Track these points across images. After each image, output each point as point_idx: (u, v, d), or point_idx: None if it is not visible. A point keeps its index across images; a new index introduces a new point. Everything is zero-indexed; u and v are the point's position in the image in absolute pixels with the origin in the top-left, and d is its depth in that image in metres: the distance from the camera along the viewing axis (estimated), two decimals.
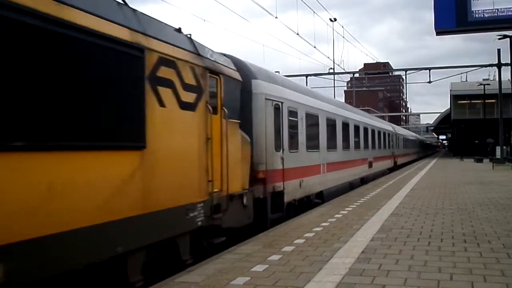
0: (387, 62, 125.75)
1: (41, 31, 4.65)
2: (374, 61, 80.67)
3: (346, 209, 12.04)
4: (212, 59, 8.29)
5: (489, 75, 75.84)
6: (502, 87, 43.07)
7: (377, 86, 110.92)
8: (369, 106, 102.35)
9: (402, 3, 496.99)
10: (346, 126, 18.82)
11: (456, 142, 73.55)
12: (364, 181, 22.23)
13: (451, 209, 11.82)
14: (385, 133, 30.51)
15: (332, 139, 16.62)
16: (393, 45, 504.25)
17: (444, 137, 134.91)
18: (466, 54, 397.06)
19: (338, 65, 52.06)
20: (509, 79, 41.70)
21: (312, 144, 14.09)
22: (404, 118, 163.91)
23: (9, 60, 4.31)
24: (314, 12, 31.94)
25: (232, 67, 9.28)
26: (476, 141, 72.30)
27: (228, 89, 8.66)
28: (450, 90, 68.07)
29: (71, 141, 4.97)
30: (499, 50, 41.50)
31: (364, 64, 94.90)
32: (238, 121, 9.11)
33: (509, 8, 20.22)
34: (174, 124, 6.84)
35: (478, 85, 55.30)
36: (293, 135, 12.36)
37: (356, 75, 59.91)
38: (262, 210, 10.28)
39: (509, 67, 39.98)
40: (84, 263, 5.15)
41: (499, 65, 42.32)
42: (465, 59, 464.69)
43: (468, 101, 67.15)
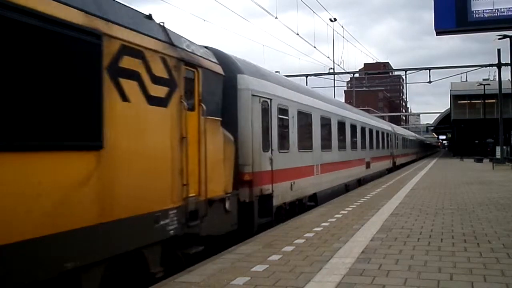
0: (387, 62, 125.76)
1: None
2: (374, 61, 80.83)
3: (346, 209, 12.04)
4: (189, 50, 7.55)
5: (489, 75, 76.01)
6: (502, 87, 43.06)
7: (377, 86, 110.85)
8: (369, 106, 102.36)
9: (401, 3, 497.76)
10: (342, 126, 18.20)
11: (456, 142, 73.56)
12: (362, 183, 21.65)
13: (451, 209, 11.82)
14: (384, 133, 29.87)
15: (327, 139, 16.00)
16: (393, 45, 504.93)
17: (444, 137, 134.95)
18: (466, 54, 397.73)
19: (338, 65, 52.16)
20: (509, 79, 41.71)
21: (305, 144, 13.47)
22: (404, 118, 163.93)
23: None
24: (314, 12, 32.00)
25: (213, 60, 8.52)
26: (476, 141, 72.25)
27: (208, 84, 7.95)
28: (450, 90, 68.09)
29: (5, 141, 4.27)
30: (499, 50, 41.55)
31: (364, 64, 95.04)
32: (220, 119, 8.39)
33: (509, 8, 20.22)
34: (141, 121, 6.14)
35: (478, 85, 55.31)
36: (284, 135, 11.76)
37: (356, 75, 59.96)
38: (249, 215, 9.65)
39: (509, 67, 39.99)
40: (26, 281, 4.48)
41: (499, 65, 42.32)
42: (465, 59, 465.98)
43: (468, 101, 67.18)
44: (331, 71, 48.46)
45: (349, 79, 67.16)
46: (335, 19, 42.55)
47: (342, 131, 18.18)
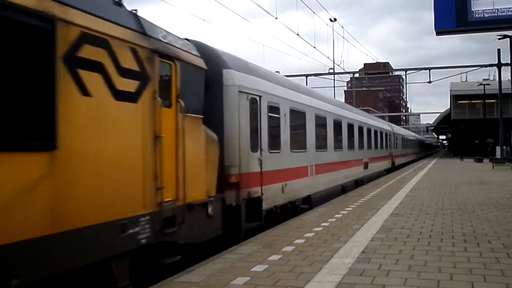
0: (387, 62, 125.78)
1: None
2: (374, 61, 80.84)
3: (346, 209, 12.04)
4: (165, 41, 6.93)
5: (489, 75, 76.02)
6: (502, 87, 43.07)
7: (377, 86, 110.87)
8: (369, 106, 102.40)
9: (401, 3, 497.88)
10: (339, 125, 17.60)
11: (456, 142, 73.57)
12: (359, 183, 21.03)
13: (451, 209, 11.83)
14: (382, 133, 29.24)
15: (322, 139, 15.32)
16: (393, 45, 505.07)
17: (444, 137, 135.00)
18: (466, 54, 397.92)
19: (338, 65, 52.05)
20: (509, 79, 41.71)
21: (298, 144, 12.88)
22: (404, 118, 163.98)
23: None
24: (314, 13, 31.99)
25: (194, 53, 7.88)
26: (476, 141, 72.28)
27: (187, 78, 7.32)
28: (450, 90, 68.11)
29: None
30: (499, 50, 41.57)
31: (364, 64, 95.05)
32: (201, 117, 7.77)
33: (509, 8, 20.22)
34: (106, 118, 5.54)
35: (478, 85, 55.34)
36: (275, 134, 11.12)
37: (356, 75, 59.97)
38: (235, 220, 9.10)
39: (509, 67, 40.00)
40: None
41: (499, 65, 42.33)
42: (465, 59, 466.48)
43: (468, 101, 67.20)
44: (331, 71, 48.51)
45: (349, 79, 67.24)
46: (335, 19, 42.56)
47: (339, 131, 17.64)
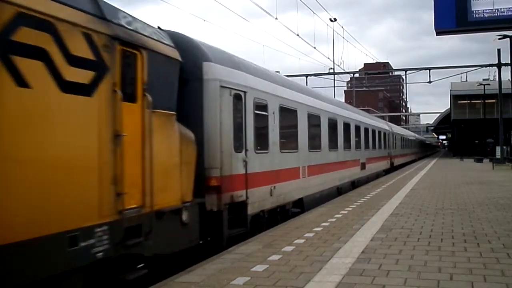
0: (387, 62, 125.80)
1: None
2: (374, 61, 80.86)
3: (346, 209, 12.04)
4: (129, 28, 6.18)
5: (489, 75, 76.05)
6: (502, 87, 43.09)
7: (377, 86, 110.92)
8: (369, 106, 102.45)
9: (401, 4, 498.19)
10: (334, 124, 16.81)
11: (456, 142, 73.57)
12: (356, 185, 20.16)
13: (451, 209, 11.82)
14: (381, 132, 28.47)
15: (316, 138, 14.58)
16: (392, 46, 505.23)
17: (444, 137, 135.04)
18: (466, 54, 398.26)
19: (338, 65, 52.14)
20: (509, 79, 41.71)
21: (289, 144, 12.15)
22: (404, 118, 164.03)
23: None
24: (314, 13, 31.99)
25: (166, 42, 7.16)
26: (476, 141, 72.29)
27: (157, 70, 6.64)
28: (450, 90, 68.13)
29: None
30: (499, 50, 41.60)
31: (364, 64, 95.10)
32: (173, 113, 7.04)
33: (509, 8, 20.22)
34: (49, 113, 4.86)
35: (478, 85, 55.35)
36: (262, 133, 10.38)
37: (356, 75, 59.99)
38: (217, 226, 8.41)
39: (509, 67, 40.01)
40: None
41: (499, 65, 42.36)
42: (464, 59, 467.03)
43: (468, 101, 67.21)
44: (331, 71, 48.55)
45: (349, 79, 67.25)
46: (335, 19, 42.59)
47: (334, 130, 16.88)
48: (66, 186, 4.99)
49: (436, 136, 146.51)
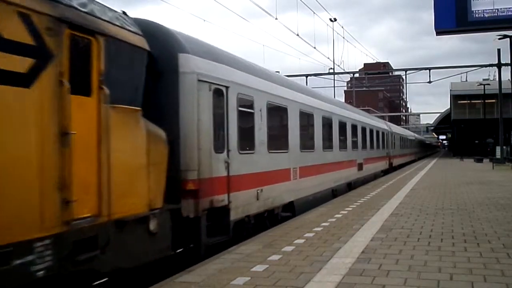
0: (387, 62, 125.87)
1: None
2: (374, 61, 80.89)
3: (346, 209, 12.04)
4: (82, 10, 5.40)
5: (489, 75, 76.08)
6: (502, 87, 43.13)
7: (377, 86, 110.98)
8: (369, 106, 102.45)
9: (400, 4, 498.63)
10: (328, 123, 16.05)
11: (456, 142, 73.58)
12: (353, 186, 19.40)
13: (451, 209, 11.82)
14: (379, 132, 27.66)
15: (308, 138, 13.88)
16: (392, 46, 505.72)
17: (444, 137, 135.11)
18: (465, 54, 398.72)
19: (338, 65, 52.17)
20: (509, 79, 41.74)
21: (278, 144, 11.44)
22: (404, 118, 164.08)
23: None
24: (314, 13, 32.01)
25: (132, 29, 6.32)
26: (476, 141, 72.36)
27: (118, 60, 5.88)
28: (450, 90, 68.16)
29: None
30: (499, 50, 41.65)
31: (364, 64, 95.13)
32: (138, 109, 6.26)
33: (509, 8, 20.21)
34: None
35: (478, 85, 55.41)
36: (247, 132, 9.68)
37: (356, 75, 60.01)
38: (194, 234, 7.77)
39: (509, 67, 40.03)
40: None
41: (499, 65, 42.39)
42: (464, 59, 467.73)
43: (468, 101, 67.23)
44: (331, 71, 48.58)
45: (349, 79, 67.27)
46: (335, 19, 42.61)
47: (328, 129, 16.15)
48: None
49: (436, 136, 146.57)
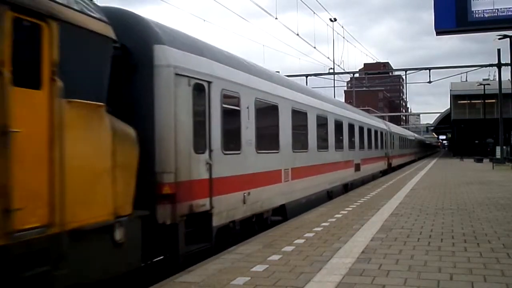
0: (387, 62, 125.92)
1: None
2: (374, 61, 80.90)
3: (346, 209, 12.04)
4: None
5: (489, 75, 76.11)
6: (502, 87, 43.15)
7: (377, 86, 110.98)
8: (369, 106, 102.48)
9: (400, 4, 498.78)
10: (323, 122, 15.40)
11: (456, 142, 73.60)
12: (350, 188, 18.80)
13: (451, 209, 11.83)
14: (377, 131, 26.90)
15: (302, 137, 13.27)
16: (392, 46, 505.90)
17: (444, 137, 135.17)
18: (465, 54, 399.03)
19: (338, 65, 52.13)
20: (509, 79, 41.75)
21: (268, 144, 10.84)
22: (404, 118, 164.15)
23: None
24: (314, 13, 32.02)
25: (95, 15, 5.61)
26: (476, 141, 72.39)
27: (76, 49, 5.21)
28: (450, 90, 68.19)
29: None
30: (499, 50, 41.67)
31: (364, 64, 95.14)
32: (102, 104, 5.56)
33: (509, 8, 20.21)
34: None
35: (478, 85, 55.45)
36: (232, 131, 9.09)
37: (356, 75, 60.01)
38: (172, 242, 7.15)
39: (509, 67, 40.05)
40: None
41: (499, 65, 42.41)
42: (464, 59, 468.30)
43: (468, 101, 67.25)
44: (331, 71, 48.59)
45: (349, 79, 67.28)
46: (335, 19, 42.61)
47: (323, 129, 15.50)
48: None
49: (436, 136, 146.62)
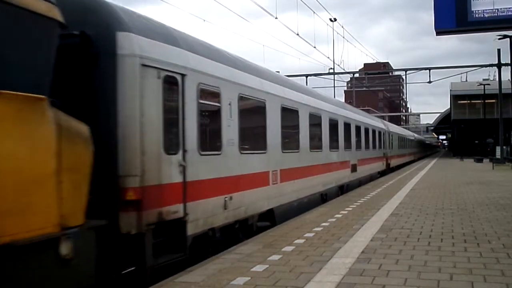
0: (387, 62, 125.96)
1: None
2: (374, 61, 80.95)
3: (346, 209, 12.04)
4: None
5: (489, 75, 76.13)
6: (502, 87, 43.15)
7: (377, 86, 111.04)
8: (369, 106, 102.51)
9: (400, 4, 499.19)
10: (317, 120, 14.63)
11: (456, 142, 73.61)
12: (346, 189, 18.03)
13: (451, 209, 11.83)
14: (375, 131, 25.95)
15: (292, 137, 12.60)
16: (391, 46, 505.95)
17: (444, 137, 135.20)
18: (465, 54, 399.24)
19: (338, 65, 52.23)
20: (509, 79, 41.76)
21: (253, 143, 10.19)
22: (404, 118, 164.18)
23: None
24: (314, 12, 32.03)
25: None
26: (476, 141, 72.39)
27: (7, 30, 4.43)
28: (450, 90, 68.18)
29: None
30: (499, 50, 41.68)
31: (364, 64, 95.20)
32: (42, 97, 4.78)
33: (509, 8, 20.21)
34: None
35: (478, 85, 55.46)
36: (211, 129, 8.43)
37: (356, 75, 60.02)
38: (137, 254, 6.38)
39: (509, 67, 40.05)
40: None
41: (499, 65, 42.41)
42: (463, 59, 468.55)
43: (468, 101, 67.25)
44: (331, 71, 48.61)
45: (349, 79, 67.28)
46: (335, 19, 42.62)
47: (317, 127, 14.74)
48: None
49: (436, 136, 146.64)
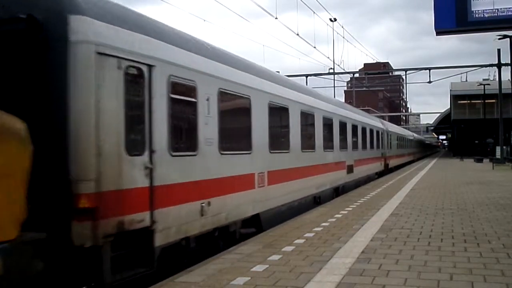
0: (387, 62, 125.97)
1: None
2: (374, 61, 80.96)
3: (346, 209, 12.04)
4: None
5: (489, 75, 76.13)
6: (502, 87, 43.15)
7: (377, 86, 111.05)
8: (369, 106, 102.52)
9: (399, 4, 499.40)
10: (310, 119, 13.95)
11: (456, 142, 73.60)
12: (341, 191, 17.25)
13: (451, 209, 11.82)
14: (373, 130, 25.15)
15: (281, 136, 11.92)
16: (391, 46, 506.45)
17: (444, 137, 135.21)
18: (465, 54, 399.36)
19: (338, 65, 52.21)
20: (509, 79, 41.75)
21: (235, 143, 9.44)
22: (404, 118, 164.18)
23: None
24: (314, 12, 32.03)
25: None
26: (476, 141, 72.37)
27: None
28: (450, 90, 68.19)
29: None
30: (499, 50, 41.68)
31: (364, 64, 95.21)
32: None
33: (509, 8, 20.21)
34: None
35: (478, 85, 55.48)
36: (185, 127, 7.68)
37: (356, 75, 60.02)
38: (94, 269, 5.67)
39: (509, 67, 40.05)
40: None
41: (499, 65, 42.41)
42: (463, 59, 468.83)
43: (468, 101, 67.25)
44: (331, 71, 48.61)
45: (349, 79, 67.27)
46: (335, 19, 42.62)
47: (309, 126, 14.02)
48: None
49: (436, 136, 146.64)
